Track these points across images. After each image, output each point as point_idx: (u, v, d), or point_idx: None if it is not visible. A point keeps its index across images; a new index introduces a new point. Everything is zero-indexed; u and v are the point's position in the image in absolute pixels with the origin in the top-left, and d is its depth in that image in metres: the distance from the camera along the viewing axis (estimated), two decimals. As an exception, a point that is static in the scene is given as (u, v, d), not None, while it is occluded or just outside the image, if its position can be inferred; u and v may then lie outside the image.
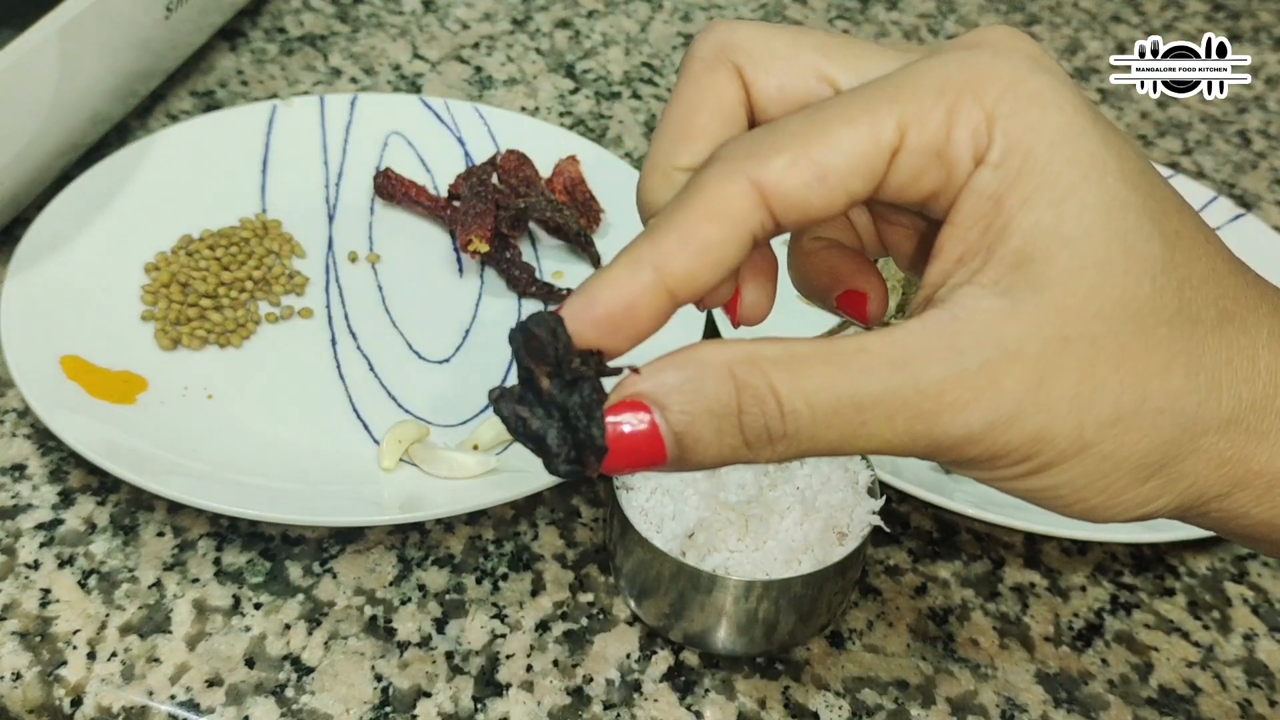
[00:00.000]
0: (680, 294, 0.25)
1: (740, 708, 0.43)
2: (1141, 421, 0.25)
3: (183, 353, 0.53)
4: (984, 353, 0.24)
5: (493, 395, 0.25)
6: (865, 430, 0.24)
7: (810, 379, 0.24)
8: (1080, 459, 0.25)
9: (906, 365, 0.24)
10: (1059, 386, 0.24)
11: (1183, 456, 0.25)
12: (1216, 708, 0.44)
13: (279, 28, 0.76)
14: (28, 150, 0.55)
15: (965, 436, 0.24)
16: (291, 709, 0.41)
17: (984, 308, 0.24)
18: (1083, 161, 0.24)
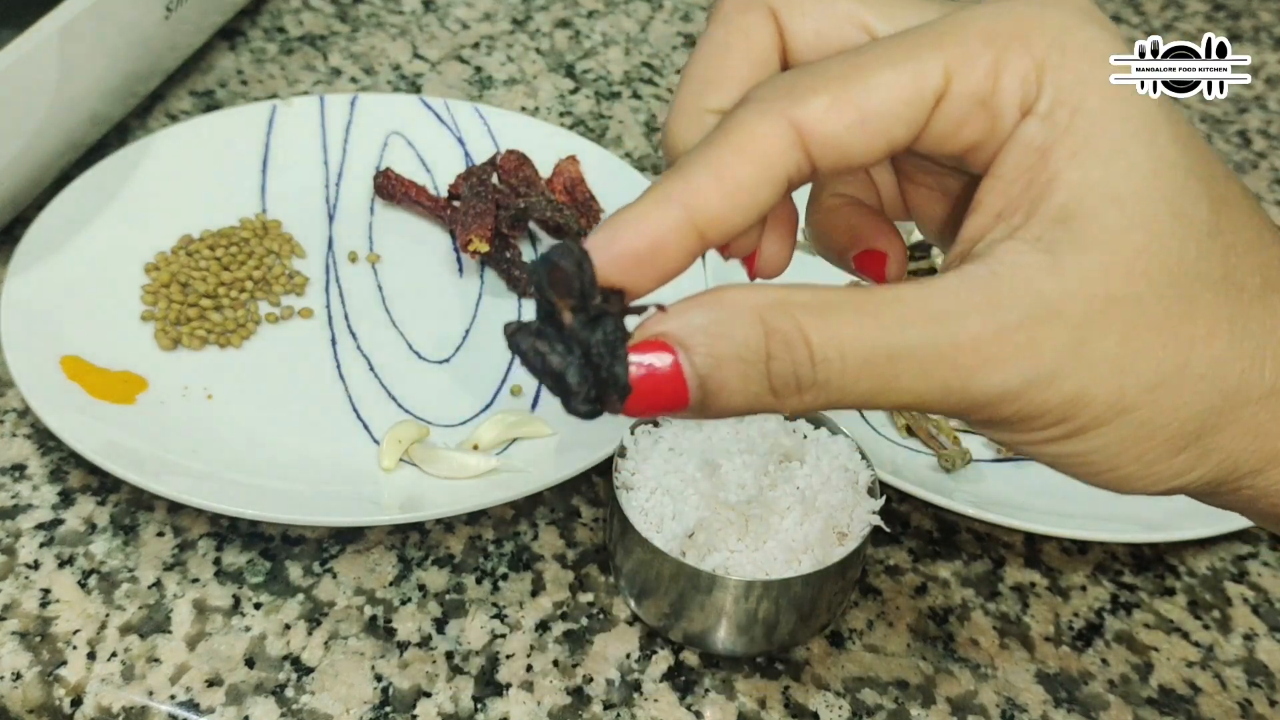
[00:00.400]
0: (709, 234, 0.24)
1: (740, 708, 0.43)
2: (1183, 387, 0.24)
3: (183, 353, 0.53)
4: (1025, 309, 0.23)
5: (509, 330, 0.24)
6: (898, 383, 0.23)
7: (844, 327, 0.23)
8: (1117, 423, 0.24)
9: (944, 318, 0.23)
10: (1101, 347, 0.23)
11: (1221, 427, 0.25)
12: (1216, 707, 0.44)
13: (279, 27, 0.76)
14: (28, 150, 0.55)
15: (1002, 394, 0.23)
16: (291, 709, 0.41)
17: (1025, 263, 0.23)
18: (1133, 118, 0.23)
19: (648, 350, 0.24)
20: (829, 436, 0.45)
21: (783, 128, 0.24)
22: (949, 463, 0.50)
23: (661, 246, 0.24)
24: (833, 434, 0.45)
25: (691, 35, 0.80)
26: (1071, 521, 0.48)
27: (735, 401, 0.24)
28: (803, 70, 0.24)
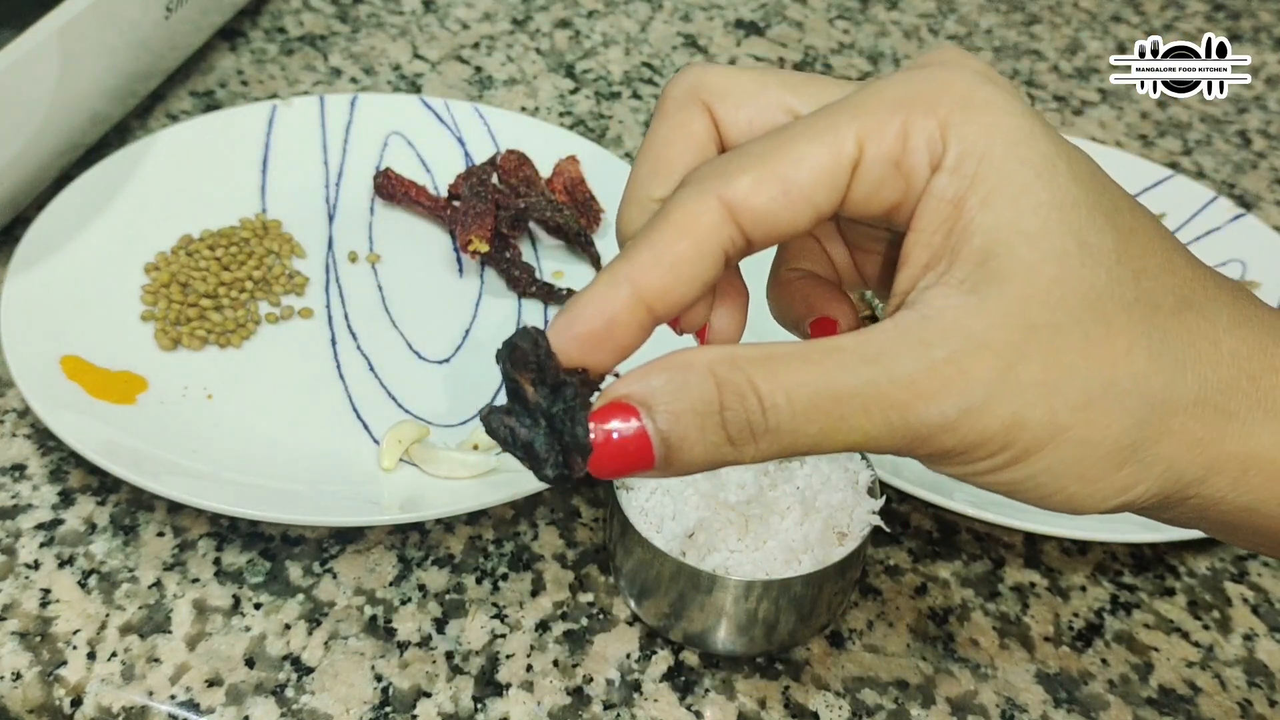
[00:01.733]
0: (658, 309, 0.26)
1: (740, 708, 0.43)
2: (1111, 403, 0.25)
3: (183, 353, 0.53)
4: (954, 344, 0.25)
5: (483, 413, 0.27)
6: (844, 423, 0.25)
7: (788, 374, 0.25)
8: (1055, 445, 0.25)
9: (879, 359, 0.25)
10: (1027, 373, 0.25)
11: (1155, 439, 0.26)
12: (1216, 708, 0.44)
13: (279, 28, 0.76)
14: (28, 150, 0.55)
15: (940, 424, 0.25)
16: (291, 709, 0.41)
17: (951, 304, 0.25)
18: (1035, 162, 0.25)
19: (612, 413, 0.25)
20: (829, 436, 0.45)
21: (713, 205, 0.26)
22: (949, 463, 0.50)
23: (615, 324, 0.26)
24: (833, 434, 0.45)
25: (691, 35, 0.80)
26: (1071, 521, 0.48)
27: (696, 455, 0.26)
28: (732, 153, 0.27)
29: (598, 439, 0.25)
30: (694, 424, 0.25)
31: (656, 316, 0.26)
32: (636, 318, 0.26)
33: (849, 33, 0.82)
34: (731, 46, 0.79)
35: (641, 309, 0.26)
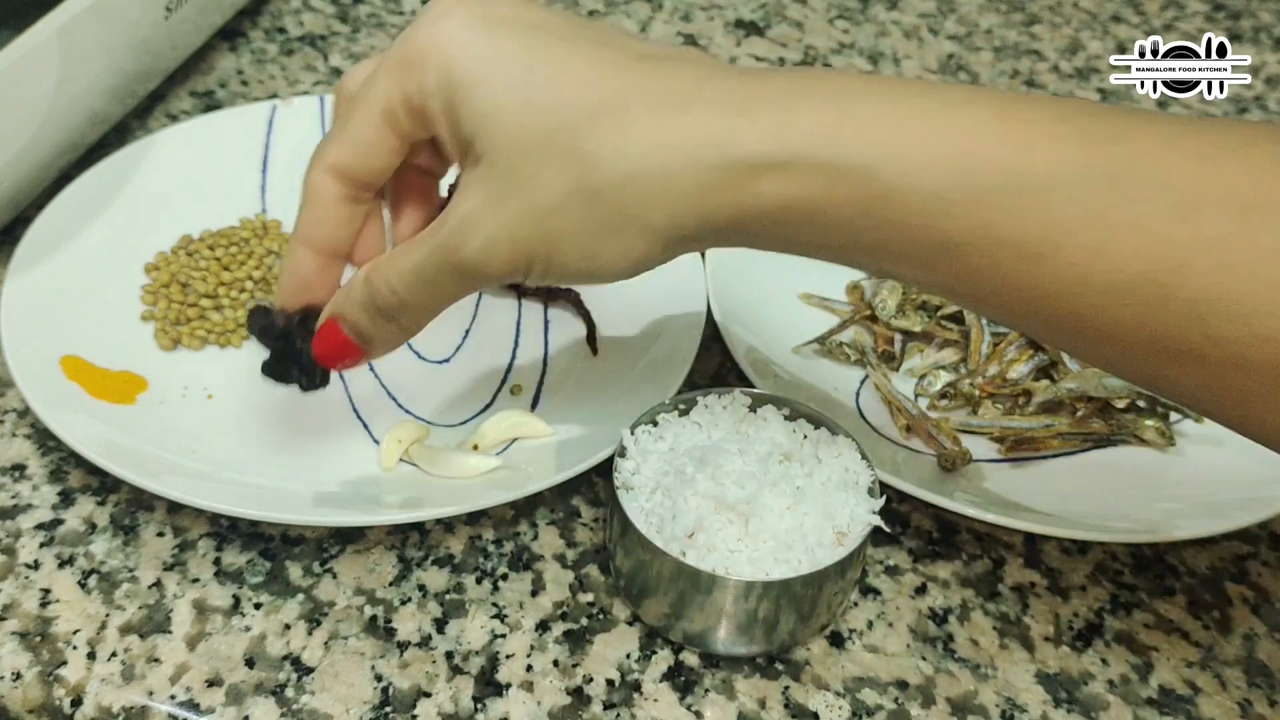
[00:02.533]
0: (328, 253, 0.40)
1: (740, 707, 0.43)
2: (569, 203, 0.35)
3: (183, 353, 0.53)
4: (466, 208, 0.36)
5: (264, 369, 0.42)
6: (435, 285, 0.37)
7: (390, 265, 0.38)
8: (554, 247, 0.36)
9: (434, 233, 0.37)
10: (508, 207, 0.35)
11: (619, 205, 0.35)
12: (1216, 707, 0.44)
13: (279, 28, 0.76)
14: (27, 150, 0.55)
15: (480, 262, 0.36)
16: (291, 709, 0.41)
17: (465, 181, 0.36)
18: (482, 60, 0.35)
19: (327, 329, 0.40)
20: (829, 436, 0.45)
21: (323, 172, 0.39)
22: (949, 463, 0.50)
23: (307, 274, 0.40)
24: (833, 434, 0.45)
25: (691, 35, 0.80)
26: (1071, 522, 0.48)
27: (378, 338, 0.40)
28: (327, 136, 0.39)
29: (323, 351, 0.40)
30: (364, 318, 0.39)
31: (329, 257, 0.40)
32: (319, 261, 0.40)
33: (849, 32, 0.82)
34: (731, 46, 0.79)
35: (319, 257, 0.40)
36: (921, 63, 0.80)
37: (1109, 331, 0.34)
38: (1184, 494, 0.51)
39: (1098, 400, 0.52)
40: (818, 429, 0.46)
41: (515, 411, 0.51)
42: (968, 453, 0.51)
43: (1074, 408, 0.53)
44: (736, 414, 0.45)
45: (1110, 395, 0.52)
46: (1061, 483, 0.51)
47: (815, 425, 0.46)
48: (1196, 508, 0.49)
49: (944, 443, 0.52)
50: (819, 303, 0.59)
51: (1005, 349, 0.54)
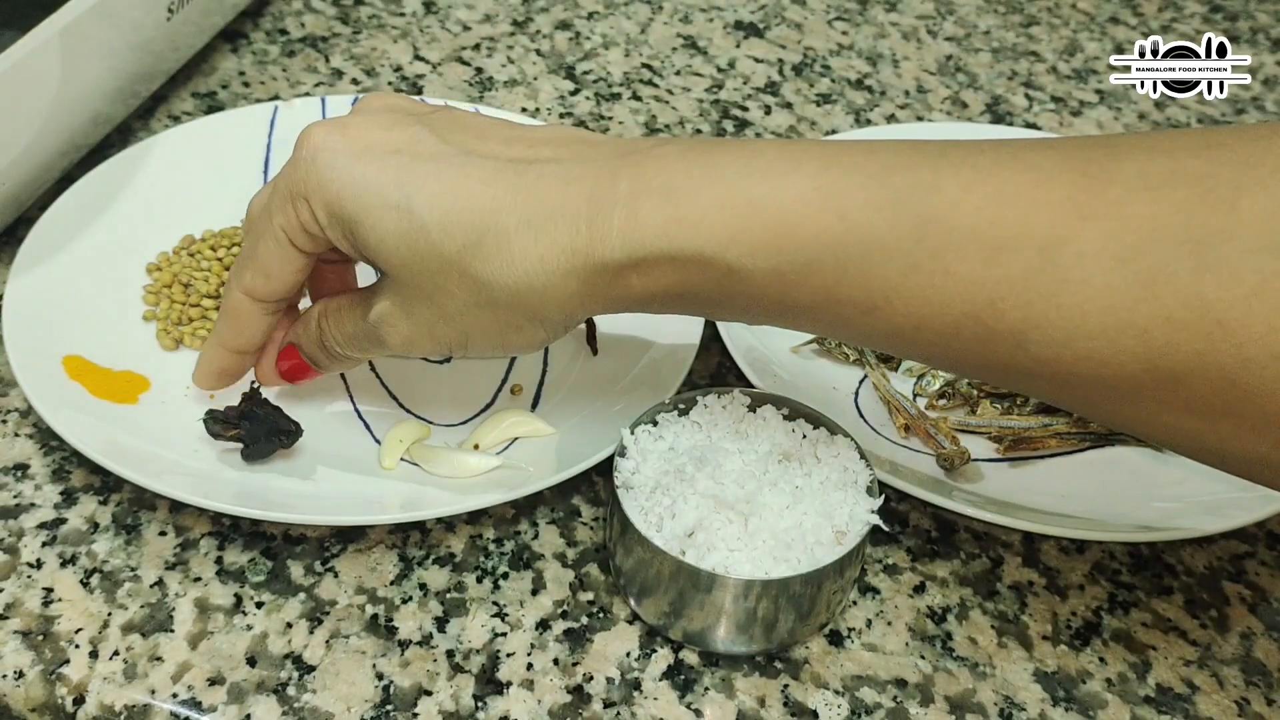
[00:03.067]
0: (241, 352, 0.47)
1: (740, 706, 0.43)
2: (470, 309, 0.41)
3: (185, 353, 0.53)
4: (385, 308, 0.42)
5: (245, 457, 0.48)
6: (364, 347, 0.45)
7: (336, 323, 0.45)
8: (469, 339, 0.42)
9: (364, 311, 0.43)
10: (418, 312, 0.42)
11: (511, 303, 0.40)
12: (1214, 706, 0.45)
13: (280, 29, 0.76)
14: (30, 151, 0.55)
15: (400, 346, 0.43)
16: (293, 707, 0.41)
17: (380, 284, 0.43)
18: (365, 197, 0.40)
19: (287, 353, 0.48)
20: (828, 436, 0.45)
21: (241, 294, 0.45)
22: (948, 462, 0.51)
23: (225, 368, 0.48)
24: (832, 433, 0.45)
25: (691, 36, 0.80)
26: (1070, 521, 0.48)
27: (326, 364, 0.47)
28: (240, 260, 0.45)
29: (285, 370, 0.48)
30: (317, 353, 0.47)
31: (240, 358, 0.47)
32: (234, 359, 0.47)
33: (848, 34, 0.82)
34: (731, 48, 0.80)
35: (234, 355, 0.47)
36: (920, 64, 0.80)
37: (955, 360, 0.38)
38: (1181, 493, 0.51)
39: (1096, 400, 0.53)
40: (817, 428, 0.46)
41: (515, 411, 0.51)
42: (966, 452, 0.51)
43: (1072, 407, 0.53)
44: (736, 414, 0.46)
45: (1108, 395, 0.52)
46: (1060, 482, 0.51)
47: (814, 425, 0.46)
48: (1194, 507, 0.50)
49: (942, 442, 0.52)
50: (818, 303, 0.59)
51: (1004, 349, 0.54)
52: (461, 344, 0.42)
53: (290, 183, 0.41)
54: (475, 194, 0.39)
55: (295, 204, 0.41)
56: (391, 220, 0.39)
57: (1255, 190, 0.33)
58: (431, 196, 0.39)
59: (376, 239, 0.40)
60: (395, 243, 0.40)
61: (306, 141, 0.41)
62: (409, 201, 0.39)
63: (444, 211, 0.39)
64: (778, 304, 0.38)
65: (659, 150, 0.39)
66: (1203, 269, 0.33)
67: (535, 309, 0.40)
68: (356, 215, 0.40)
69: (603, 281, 0.39)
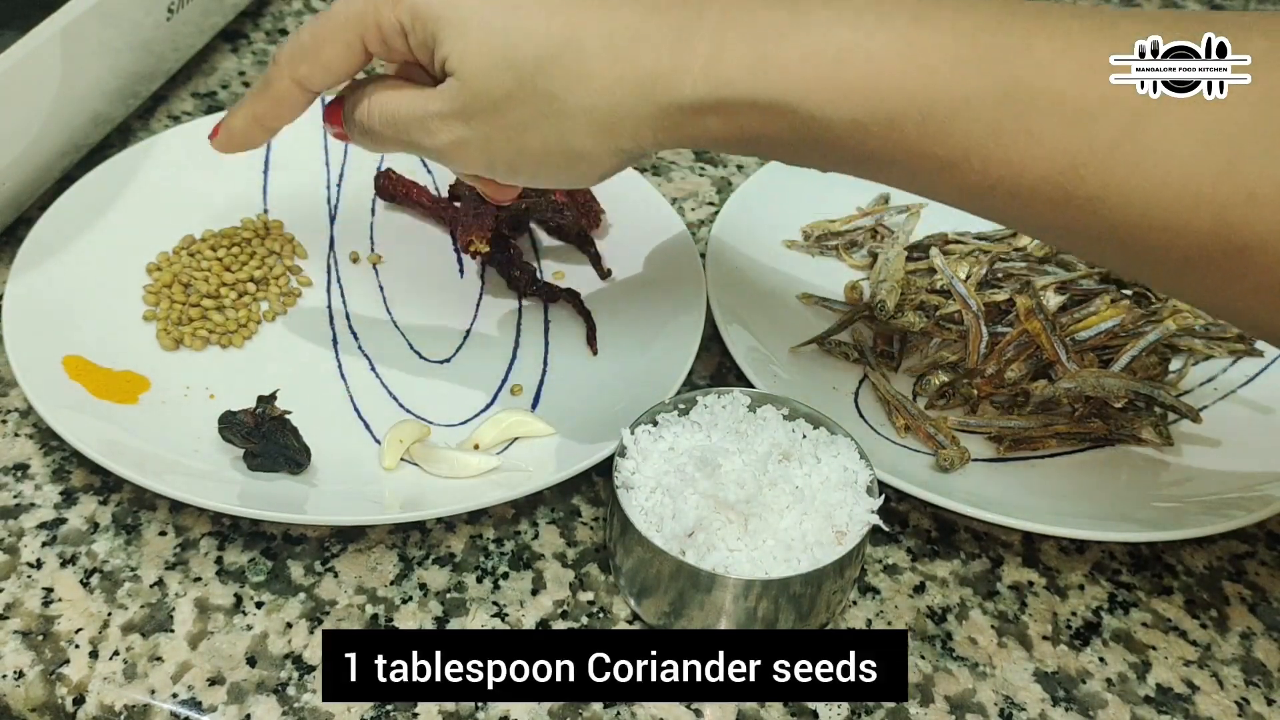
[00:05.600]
0: (272, 130, 0.46)
1: (739, 705, 0.43)
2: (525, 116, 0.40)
3: (185, 353, 0.53)
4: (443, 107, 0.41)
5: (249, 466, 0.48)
6: (399, 129, 0.43)
7: (383, 102, 0.43)
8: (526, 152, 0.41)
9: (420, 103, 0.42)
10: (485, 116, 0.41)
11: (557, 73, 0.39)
12: (1214, 706, 0.45)
13: (280, 29, 0.76)
14: (30, 151, 0.55)
15: (452, 151, 0.42)
16: (293, 707, 0.41)
17: (443, 89, 0.41)
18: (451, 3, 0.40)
19: (335, 107, 0.46)
20: (828, 436, 0.45)
21: (293, 83, 0.44)
22: (947, 462, 0.51)
23: (253, 140, 0.47)
24: (832, 433, 0.45)
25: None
26: (1069, 521, 0.48)
27: (356, 138, 0.46)
28: (298, 44, 0.43)
29: (328, 115, 0.47)
30: (348, 116, 0.45)
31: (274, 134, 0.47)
32: (266, 137, 0.47)
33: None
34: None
35: (268, 134, 0.47)
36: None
37: (1026, 220, 0.39)
38: (1181, 493, 0.51)
39: (1095, 400, 0.53)
40: (817, 428, 0.46)
41: (515, 411, 0.51)
42: (966, 452, 0.51)
43: (1071, 407, 0.53)
44: (736, 414, 0.46)
45: (1108, 395, 0.52)
46: (1059, 482, 0.51)
47: (814, 425, 0.46)
48: (1194, 507, 0.50)
49: (942, 442, 0.52)
50: (818, 303, 0.59)
51: (1004, 349, 0.54)
52: (513, 164, 0.42)
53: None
54: (558, 13, 0.39)
55: (379, 10, 0.41)
56: (475, 28, 0.39)
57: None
58: (514, 11, 0.39)
59: (459, 46, 0.39)
60: (475, 50, 0.39)
61: None
62: (492, 15, 0.39)
63: (527, 24, 0.39)
64: (855, 154, 0.39)
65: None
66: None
67: (605, 130, 0.40)
68: (443, 24, 0.40)
69: (679, 118, 0.39)
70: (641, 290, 0.58)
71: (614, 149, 0.40)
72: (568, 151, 0.41)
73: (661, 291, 0.57)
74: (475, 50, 0.39)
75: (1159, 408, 0.53)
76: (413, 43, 0.41)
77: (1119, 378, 0.52)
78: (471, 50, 0.39)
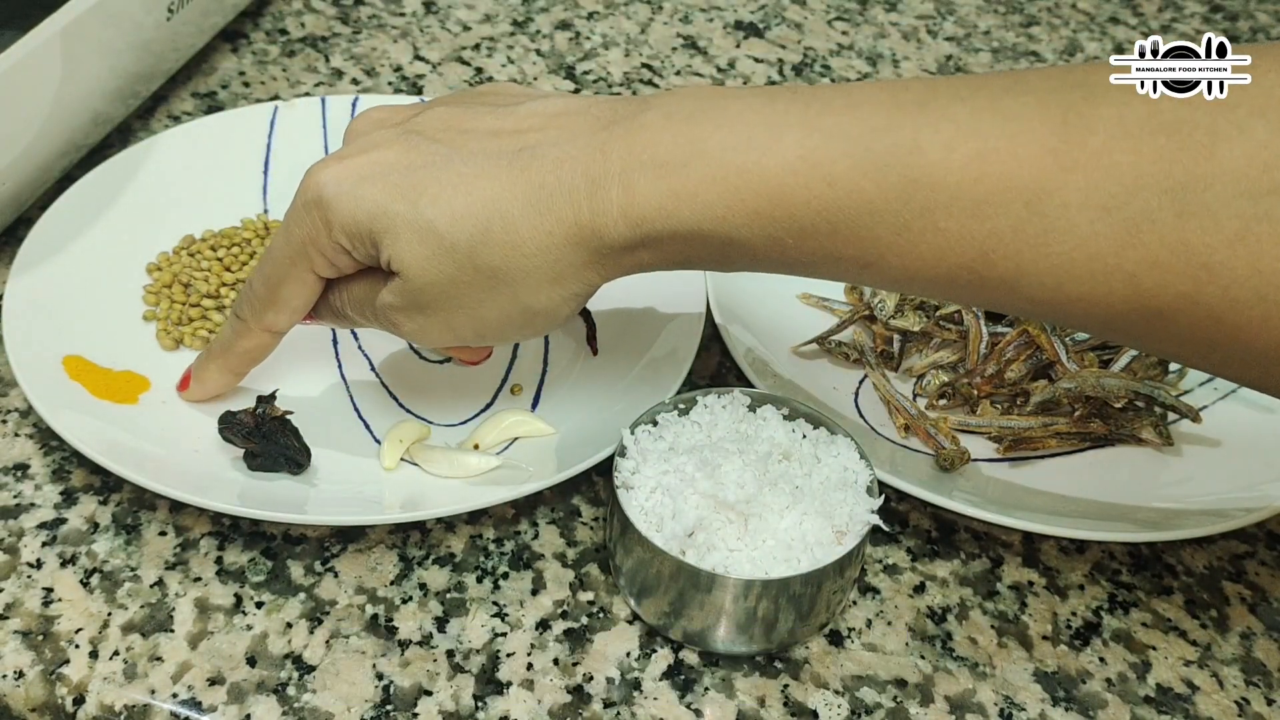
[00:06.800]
0: (240, 374, 0.50)
1: (739, 706, 0.43)
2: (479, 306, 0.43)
3: (185, 353, 0.53)
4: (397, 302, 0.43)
5: (250, 466, 0.48)
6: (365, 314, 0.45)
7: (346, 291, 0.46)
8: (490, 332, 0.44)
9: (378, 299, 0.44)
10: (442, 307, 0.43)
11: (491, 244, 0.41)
12: (1214, 706, 0.45)
13: (280, 29, 0.76)
14: (30, 150, 0.55)
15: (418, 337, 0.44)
16: (293, 707, 0.41)
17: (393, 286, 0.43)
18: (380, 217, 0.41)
19: None
20: (828, 436, 0.45)
21: (263, 331, 0.47)
22: (947, 462, 0.51)
23: (225, 389, 0.50)
24: (832, 433, 0.45)
25: (690, 37, 0.80)
26: (1069, 521, 0.48)
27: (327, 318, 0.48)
28: (258, 300, 0.46)
29: None
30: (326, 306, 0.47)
31: (238, 375, 0.50)
32: (230, 378, 0.50)
33: (848, 34, 0.82)
34: (731, 48, 0.80)
35: (233, 376, 0.50)
36: (920, 64, 0.80)
37: (954, 300, 0.40)
38: (1181, 493, 0.51)
39: (1095, 400, 0.53)
40: (817, 429, 0.46)
41: (515, 411, 0.51)
42: (966, 452, 0.51)
43: (1071, 407, 0.53)
44: (736, 414, 0.46)
45: (1107, 395, 0.52)
46: (1059, 482, 0.51)
47: (814, 425, 0.46)
48: (1194, 507, 0.50)
49: (942, 442, 0.52)
50: (818, 303, 0.59)
51: (1004, 349, 0.54)
52: (478, 334, 0.43)
53: (304, 226, 0.43)
54: (475, 188, 0.40)
55: (316, 241, 0.43)
56: (406, 232, 0.41)
57: (1232, 135, 0.34)
58: (434, 200, 0.40)
59: (396, 248, 0.41)
60: (410, 250, 0.41)
61: (311, 183, 0.42)
62: (416, 210, 0.41)
63: (449, 210, 0.40)
64: (779, 262, 0.40)
65: (642, 119, 0.40)
66: (1185, 215, 0.34)
67: (552, 284, 0.41)
68: (377, 234, 0.41)
69: (614, 256, 0.41)
70: (641, 290, 0.58)
71: (567, 296, 0.42)
72: (525, 311, 0.42)
73: (661, 291, 0.57)
74: (410, 249, 0.41)
75: (1159, 408, 0.53)
76: (359, 257, 0.43)
77: (1119, 378, 0.52)
78: (407, 248, 0.41)
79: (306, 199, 0.42)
